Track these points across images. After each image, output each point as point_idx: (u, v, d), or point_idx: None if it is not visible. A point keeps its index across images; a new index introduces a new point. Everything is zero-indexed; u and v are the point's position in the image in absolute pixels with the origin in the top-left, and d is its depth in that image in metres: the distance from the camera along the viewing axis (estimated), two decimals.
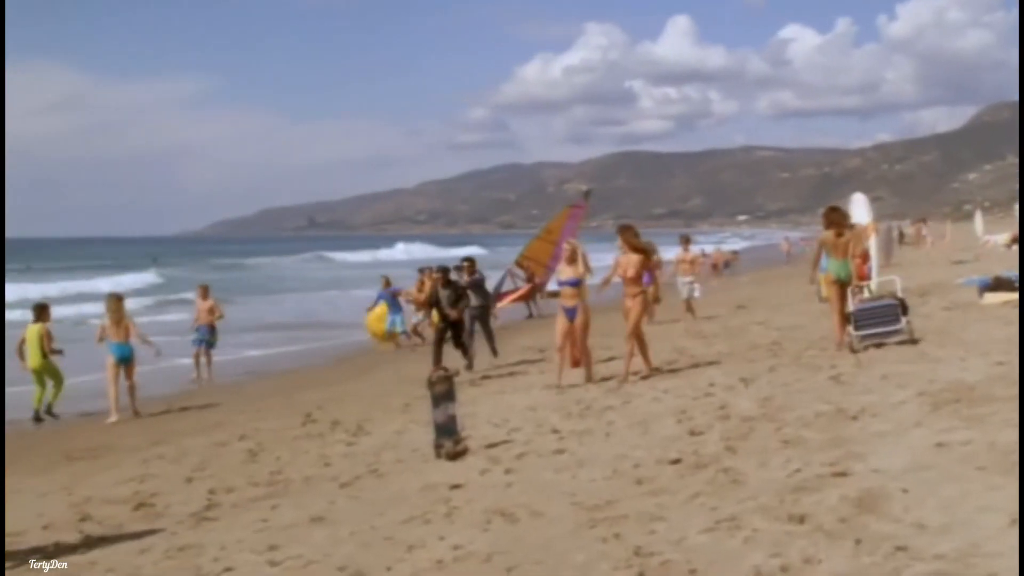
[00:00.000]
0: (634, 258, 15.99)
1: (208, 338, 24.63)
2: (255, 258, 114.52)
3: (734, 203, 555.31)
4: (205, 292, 25.92)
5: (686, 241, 28.78)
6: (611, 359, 19.17)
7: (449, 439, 11.46)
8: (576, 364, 18.15)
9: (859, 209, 24.01)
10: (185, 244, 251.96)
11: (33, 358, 19.57)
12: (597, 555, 6.87)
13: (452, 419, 11.62)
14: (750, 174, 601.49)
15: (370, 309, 30.48)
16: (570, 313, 16.22)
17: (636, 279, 16.00)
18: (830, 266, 16.48)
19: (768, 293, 33.54)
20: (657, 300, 22.48)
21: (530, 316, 33.96)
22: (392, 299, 29.59)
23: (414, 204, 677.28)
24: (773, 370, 14.75)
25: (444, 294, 20.84)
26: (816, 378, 13.42)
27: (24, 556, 9.09)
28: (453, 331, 20.80)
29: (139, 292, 53.92)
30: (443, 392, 11.74)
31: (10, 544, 9.78)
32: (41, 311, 20.15)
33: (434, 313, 23.09)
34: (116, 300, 20.22)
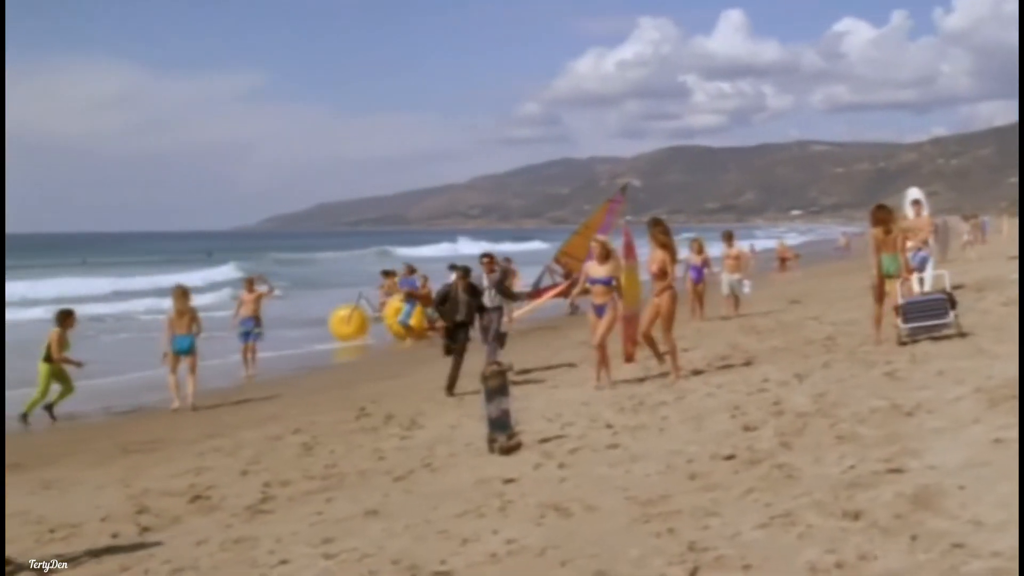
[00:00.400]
0: (658, 254, 15.65)
1: (254, 330, 24.75)
2: (319, 252, 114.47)
3: (788, 198, 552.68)
4: (251, 284, 26.09)
5: (729, 237, 28.33)
6: (665, 353, 19.15)
7: (503, 434, 11.49)
8: (630, 359, 18.16)
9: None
10: (239, 239, 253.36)
11: (42, 361, 19.42)
12: (651, 550, 6.88)
13: (506, 414, 11.65)
14: (804, 169, 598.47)
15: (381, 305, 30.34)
16: (599, 311, 15.88)
17: (662, 274, 15.63)
18: (881, 260, 16.65)
19: (823, 288, 33.34)
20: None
21: (573, 312, 33.88)
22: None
23: (467, 199, 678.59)
24: (827, 366, 14.68)
25: (463, 299, 18.01)
26: (871, 374, 13.34)
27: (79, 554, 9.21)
28: (459, 342, 17.89)
29: (216, 285, 54.17)
30: (497, 387, 11.77)
31: (68, 535, 9.93)
32: (65, 317, 19.99)
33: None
34: (182, 292, 20.45)
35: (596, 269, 15.96)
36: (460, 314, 17.91)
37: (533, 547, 7.42)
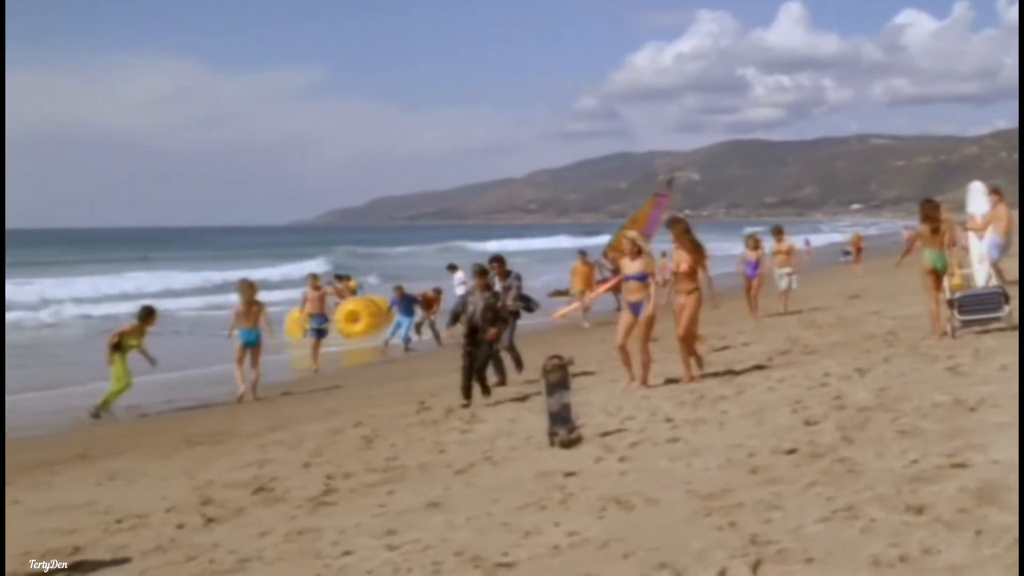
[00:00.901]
0: (685, 253, 15.30)
1: (321, 326, 24.98)
2: (391, 247, 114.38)
3: (848, 191, 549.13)
4: (316, 281, 26.32)
5: (779, 232, 28.14)
6: (725, 348, 19.14)
7: (563, 427, 11.53)
8: (690, 354, 18.14)
9: (977, 198, 23.59)
10: (299, 234, 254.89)
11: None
12: (713, 543, 6.89)
13: (567, 407, 11.69)
14: (864, 162, 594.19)
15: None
16: (635, 308, 15.37)
17: (690, 275, 15.22)
18: (927, 256, 16.75)
19: (884, 282, 33.08)
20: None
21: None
22: (407, 305, 28.98)
23: (524, 193, 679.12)
24: (889, 360, 14.61)
25: (480, 302, 16.67)
26: (933, 368, 13.25)
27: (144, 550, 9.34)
28: (480, 350, 16.53)
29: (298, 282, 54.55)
30: (558, 380, 11.81)
31: (135, 525, 10.08)
32: (148, 315, 20.41)
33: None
34: (248, 286, 20.80)
35: (629, 265, 15.64)
36: (476, 317, 16.47)
37: (595, 539, 7.45)
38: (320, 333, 24.92)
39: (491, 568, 7.14)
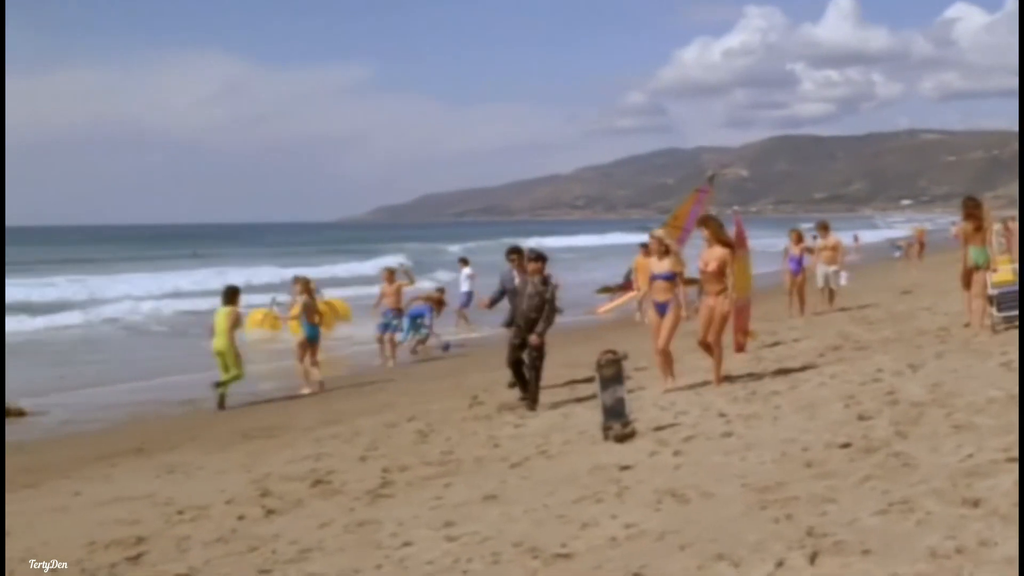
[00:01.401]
0: (718, 251, 14.63)
1: (392, 321, 25.18)
2: (450, 244, 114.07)
3: (897, 187, 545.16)
4: (391, 276, 26.48)
5: (824, 228, 27.38)
6: (776, 343, 19.15)
7: (617, 421, 11.61)
8: (740, 350, 18.15)
9: None
10: (348, 230, 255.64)
11: (218, 340, 19.97)
12: (770, 535, 6.96)
13: (620, 402, 11.78)
14: (914, 158, 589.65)
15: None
16: (661, 309, 14.90)
17: (719, 275, 14.58)
18: (971, 253, 17.21)
19: (935, 278, 32.91)
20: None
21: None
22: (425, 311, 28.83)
23: (572, 190, 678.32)
24: (941, 356, 14.60)
25: (530, 288, 15.33)
26: (986, 364, 13.24)
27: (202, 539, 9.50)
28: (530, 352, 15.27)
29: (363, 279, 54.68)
30: (612, 375, 11.89)
31: (196, 517, 10.25)
32: (233, 295, 20.60)
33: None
34: (305, 283, 21.24)
35: (656, 265, 15.16)
36: (526, 308, 15.24)
37: (652, 531, 7.54)
38: (386, 328, 25.12)
39: (550, 559, 7.24)
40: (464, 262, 32.62)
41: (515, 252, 16.86)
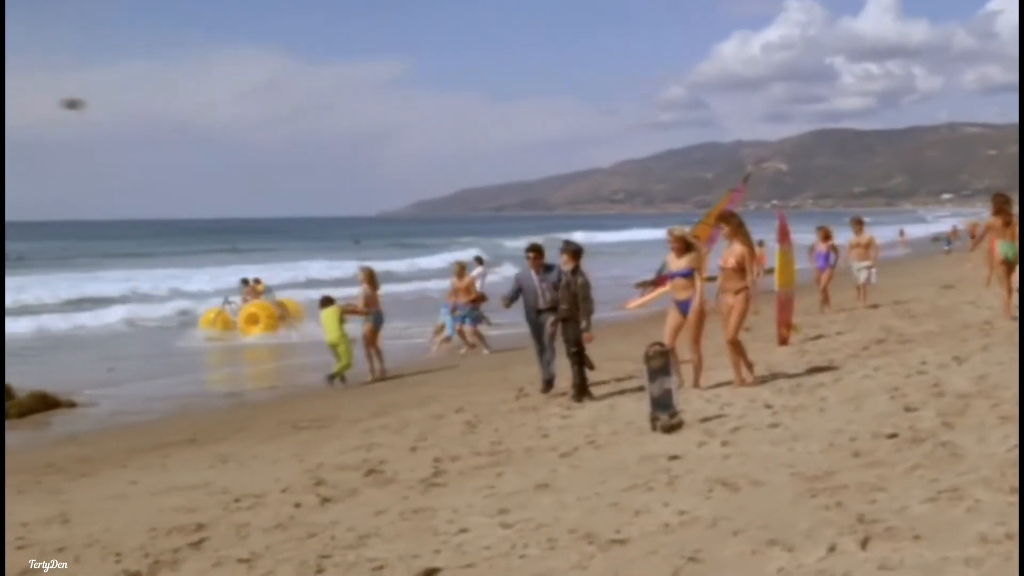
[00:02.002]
0: (737, 248, 14.30)
1: (471, 314, 25.48)
2: (504, 239, 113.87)
3: (938, 181, 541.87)
4: (462, 271, 26.75)
5: (858, 223, 26.90)
6: (819, 337, 19.23)
7: (665, 413, 11.75)
8: (784, 342, 18.29)
9: None
10: (385, 224, 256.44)
11: (330, 335, 21.49)
12: (821, 521, 7.09)
13: (668, 393, 11.92)
14: (955, 151, 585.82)
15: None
16: (683, 307, 14.46)
17: (739, 273, 14.23)
18: (999, 247, 17.68)
19: (978, 273, 32.86)
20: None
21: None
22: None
23: (610, 184, 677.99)
24: (986, 349, 14.66)
25: (566, 280, 15.39)
26: None
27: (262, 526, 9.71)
28: (568, 329, 15.43)
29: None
30: (659, 367, 12.05)
31: (253, 504, 10.46)
32: (329, 300, 22.21)
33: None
34: (369, 273, 22.55)
35: (674, 262, 14.72)
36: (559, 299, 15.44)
37: (704, 518, 7.68)
38: (464, 319, 25.49)
39: (605, 544, 7.39)
40: (479, 261, 32.82)
41: (532, 250, 16.68)
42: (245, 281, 34.73)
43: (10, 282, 46.77)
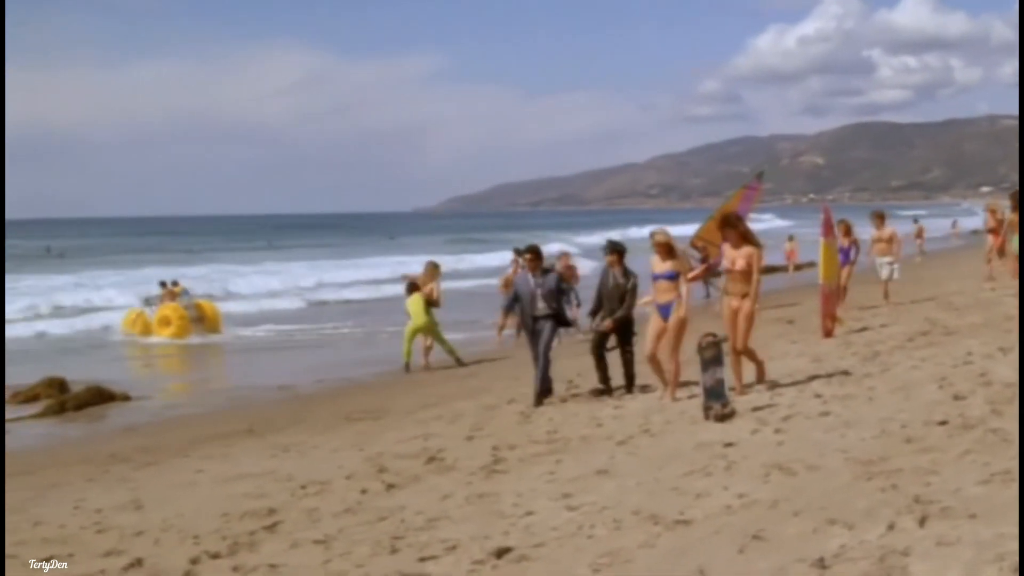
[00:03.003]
0: (746, 249, 13.46)
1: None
2: (569, 233, 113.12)
3: (977, 174, 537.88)
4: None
5: (880, 217, 25.67)
6: (863, 329, 19.41)
7: (718, 402, 12.03)
8: (828, 335, 18.47)
9: None
10: (422, 220, 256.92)
11: (417, 319, 22.50)
12: (878, 502, 7.36)
13: (720, 383, 12.20)
14: (995, 144, 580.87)
15: None
16: (664, 311, 13.89)
17: (746, 276, 13.40)
18: (1012, 241, 17.46)
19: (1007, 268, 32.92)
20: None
21: (707, 296, 33.47)
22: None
23: (646, 178, 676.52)
24: None
25: (611, 282, 15.41)
26: None
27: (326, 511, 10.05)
28: (619, 339, 15.61)
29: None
30: (712, 357, 12.32)
31: (320, 491, 10.80)
32: (414, 286, 23.02)
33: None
34: (434, 268, 23.59)
35: (658, 264, 14.00)
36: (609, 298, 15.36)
37: (764, 500, 7.96)
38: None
39: (670, 524, 7.70)
40: (518, 252, 33.07)
41: (529, 251, 16.36)
42: (163, 284, 35.42)
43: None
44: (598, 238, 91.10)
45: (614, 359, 15.53)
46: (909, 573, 5.90)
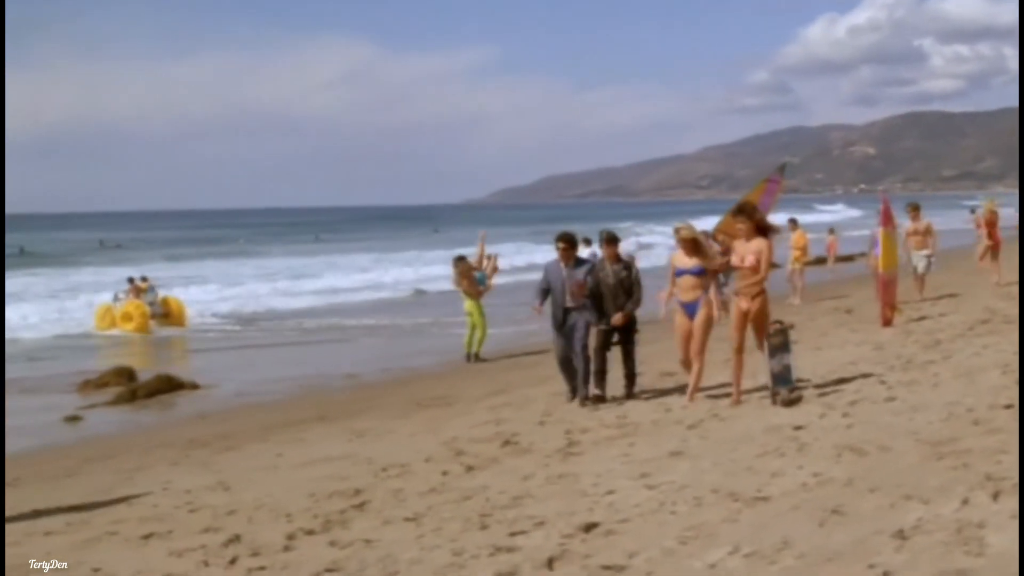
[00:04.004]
0: (755, 244, 12.76)
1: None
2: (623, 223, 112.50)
3: None
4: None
5: (915, 209, 24.75)
6: (922, 318, 19.60)
7: (784, 387, 12.33)
8: (888, 323, 18.70)
9: None
10: (469, 211, 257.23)
11: (468, 301, 22.75)
12: (950, 480, 7.65)
13: (787, 369, 12.50)
14: None
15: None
16: (689, 308, 13.37)
17: (756, 271, 12.67)
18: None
19: None
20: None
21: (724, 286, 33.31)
22: None
23: (696, 169, 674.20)
24: None
25: (611, 277, 14.78)
26: None
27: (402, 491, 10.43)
28: (621, 335, 14.98)
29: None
30: (780, 343, 12.61)
31: (401, 473, 11.16)
32: (459, 260, 23.27)
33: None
34: (480, 258, 24.11)
35: (682, 260, 13.51)
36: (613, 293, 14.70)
37: (839, 479, 8.27)
38: None
39: (750, 501, 8.02)
40: (587, 242, 33.25)
41: (562, 240, 14.99)
42: (131, 280, 35.98)
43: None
44: (647, 230, 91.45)
45: (614, 357, 15.03)
46: (986, 543, 6.18)
